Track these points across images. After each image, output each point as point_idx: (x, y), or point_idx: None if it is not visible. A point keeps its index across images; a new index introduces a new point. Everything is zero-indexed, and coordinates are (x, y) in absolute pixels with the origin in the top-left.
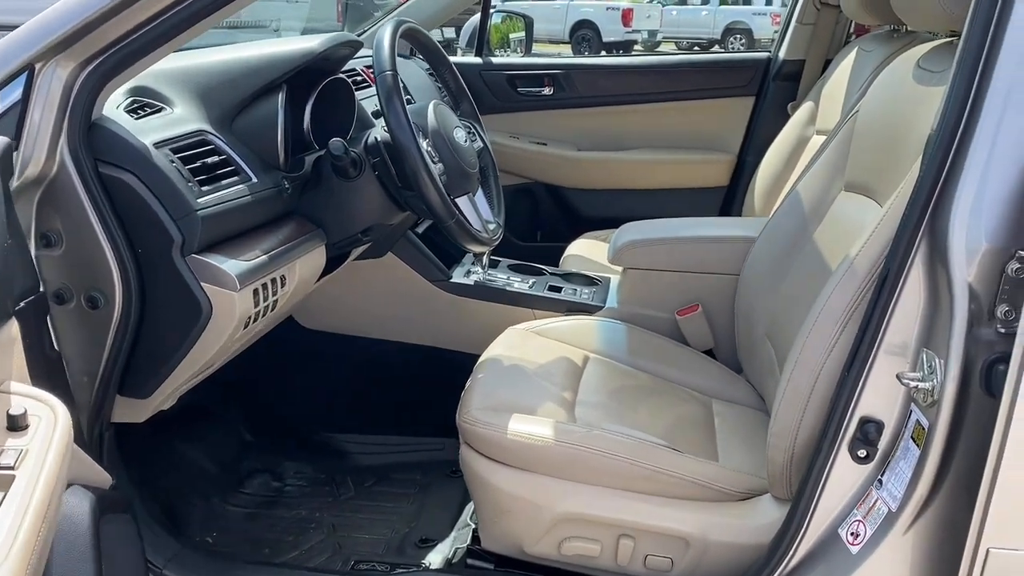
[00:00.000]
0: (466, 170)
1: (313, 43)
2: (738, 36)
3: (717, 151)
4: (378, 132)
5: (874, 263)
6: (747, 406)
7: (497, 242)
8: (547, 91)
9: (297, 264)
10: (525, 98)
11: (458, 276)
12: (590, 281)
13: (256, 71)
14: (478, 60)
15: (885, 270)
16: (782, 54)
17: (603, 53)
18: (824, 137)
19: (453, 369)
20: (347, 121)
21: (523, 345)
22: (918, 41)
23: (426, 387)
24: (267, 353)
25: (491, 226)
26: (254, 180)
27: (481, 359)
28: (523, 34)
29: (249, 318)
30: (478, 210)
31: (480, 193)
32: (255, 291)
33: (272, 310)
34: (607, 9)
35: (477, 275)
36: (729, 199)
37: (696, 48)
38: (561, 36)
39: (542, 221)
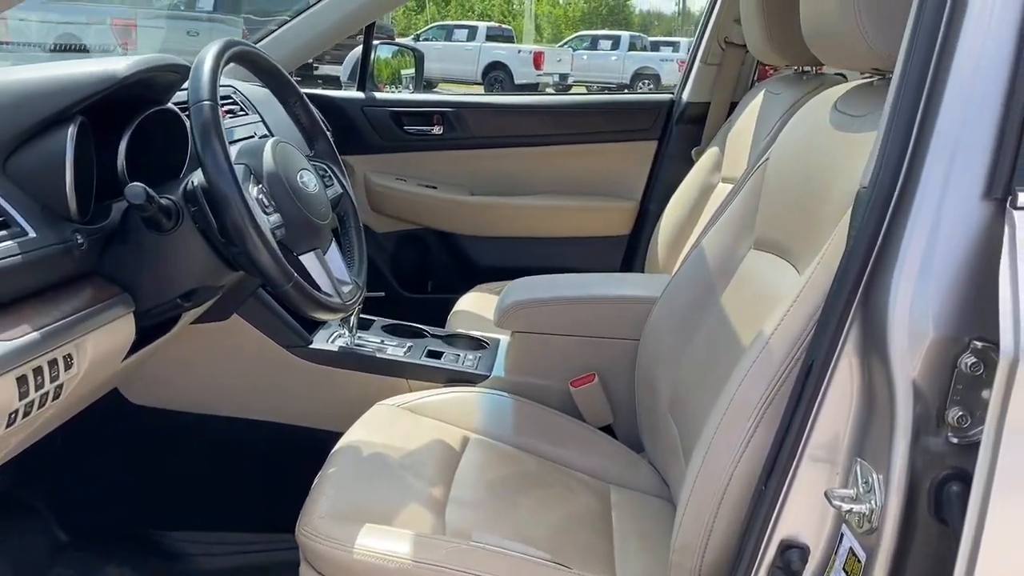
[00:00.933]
0: (313, 222)
1: (118, 65)
2: (647, 81)
3: (619, 198)
4: (198, 175)
5: (793, 345)
6: (650, 494)
7: (354, 308)
8: (437, 130)
9: (90, 339)
10: (413, 137)
11: (320, 341)
12: (477, 344)
13: (40, 97)
14: (360, 95)
15: (808, 360)
16: (685, 96)
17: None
18: (731, 186)
19: (313, 451)
20: (178, 161)
21: (391, 426)
22: (829, 84)
23: (280, 474)
24: (86, 433)
25: (346, 288)
26: (30, 235)
27: (337, 447)
28: (413, 70)
29: (13, 413)
30: (329, 270)
31: (334, 248)
32: (21, 378)
33: (55, 399)
34: (519, 52)
35: (344, 339)
36: (631, 249)
37: (606, 91)
38: (474, 78)
39: (432, 271)
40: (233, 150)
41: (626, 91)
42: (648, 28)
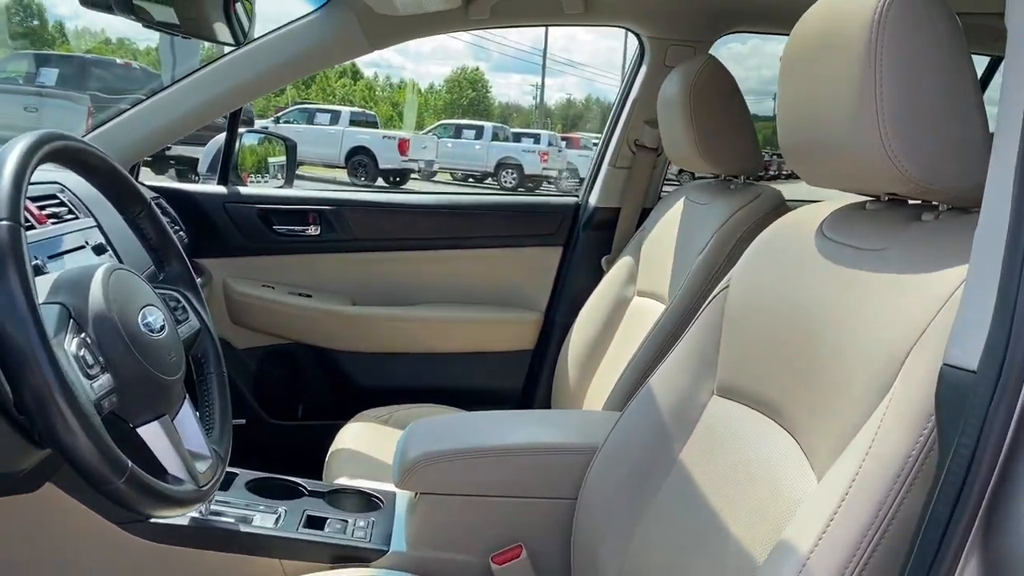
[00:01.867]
0: (158, 379)
1: None
2: (510, 170)
3: (522, 309)
4: None
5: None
6: None
7: (214, 492)
8: (312, 230)
9: None
10: (284, 238)
11: None
12: (367, 501)
13: None
14: (222, 189)
15: None
16: (593, 200)
17: (379, 180)
18: (650, 301)
19: None
20: None
21: None
22: (769, 198)
23: None
24: None
25: (203, 466)
26: None
27: None
28: (284, 158)
29: None
30: (179, 442)
31: (187, 408)
32: None
33: None
34: (383, 137)
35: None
36: (536, 367)
37: (470, 179)
38: (336, 161)
39: (304, 393)
40: (46, 282)
41: (491, 179)
42: (507, 119)
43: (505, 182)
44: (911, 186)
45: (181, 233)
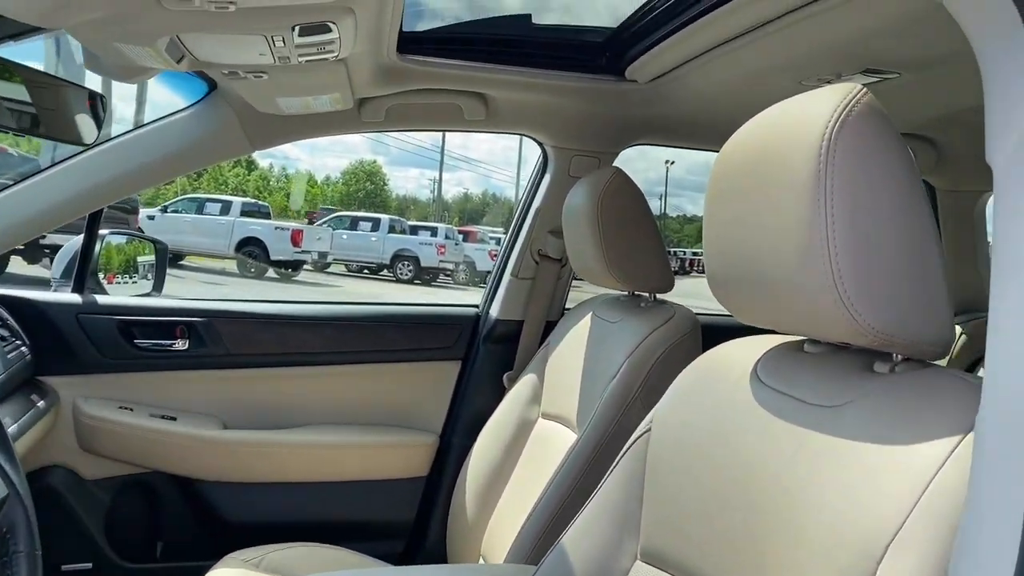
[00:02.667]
0: None
1: None
2: (406, 262)
3: (415, 430)
4: None
5: None
6: None
7: None
8: (180, 344)
9: None
10: (147, 353)
11: None
12: None
13: None
14: (76, 298)
15: None
16: (494, 312)
17: (270, 270)
18: (556, 425)
19: None
20: None
21: None
22: (682, 318)
23: None
24: None
25: None
26: None
27: None
28: (153, 258)
29: None
30: None
31: None
32: None
33: None
34: (276, 228)
35: None
36: (431, 496)
37: (366, 271)
38: (226, 252)
39: (164, 531)
40: None
41: (386, 271)
42: (405, 212)
43: (401, 274)
44: (869, 337)
45: (23, 348)
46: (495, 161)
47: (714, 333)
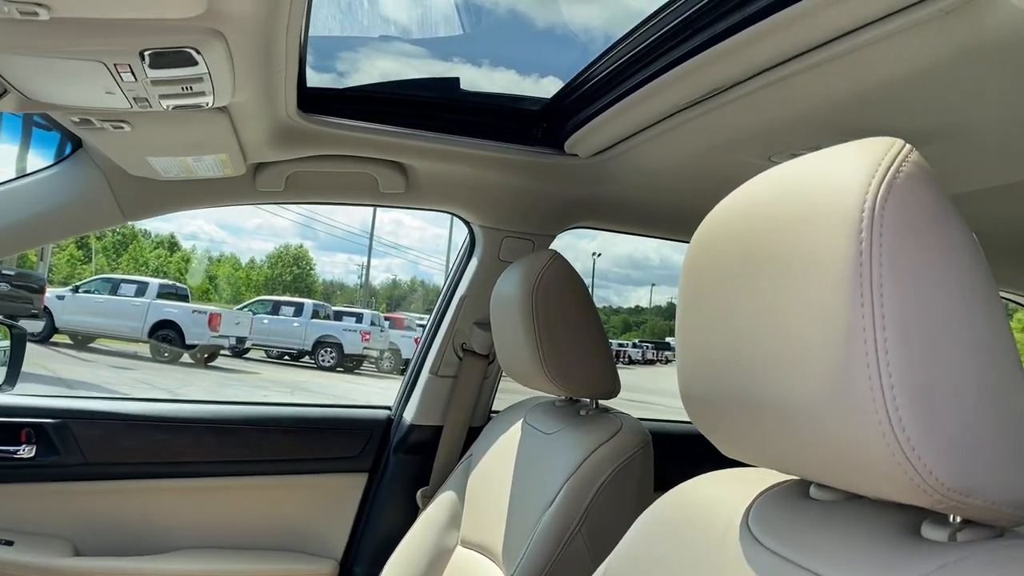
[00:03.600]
0: None
1: None
2: (328, 349)
3: (310, 556)
4: None
5: None
6: None
7: None
8: (25, 451)
9: None
10: None
11: None
12: None
13: None
14: None
15: None
16: (408, 416)
17: (185, 355)
18: (478, 556)
19: None
20: None
21: None
22: (631, 431)
23: None
24: None
25: None
26: None
27: None
28: (8, 344)
29: None
30: None
31: None
32: None
33: None
34: (193, 311)
35: None
36: None
37: (286, 356)
38: (139, 335)
39: None
40: None
41: (308, 357)
42: (331, 297)
43: (323, 361)
44: (935, 497)
45: None
46: (425, 248)
47: (664, 445)
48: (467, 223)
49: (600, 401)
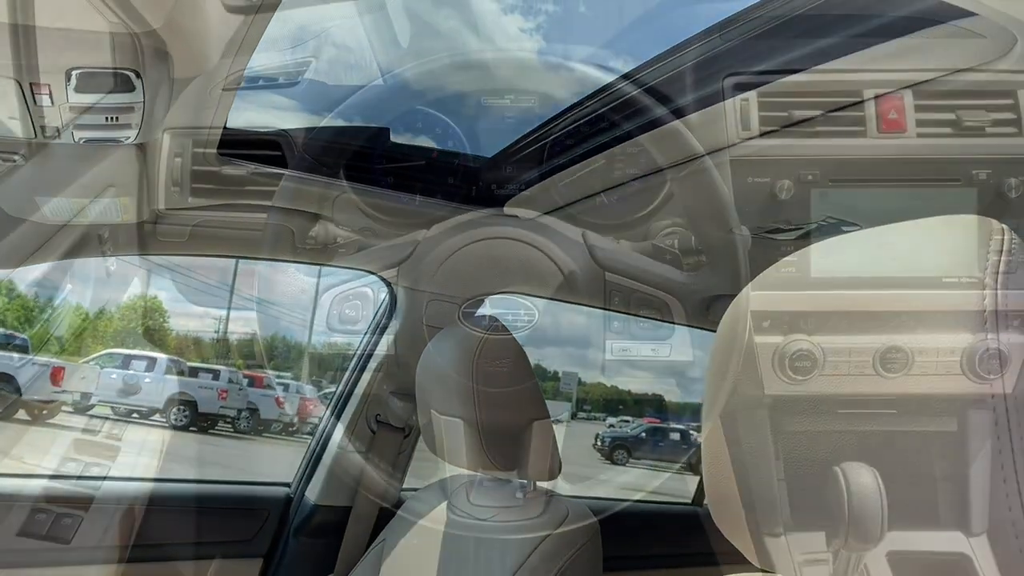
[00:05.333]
0: None
1: None
2: (181, 407)
3: None
4: None
5: None
6: None
7: None
8: None
9: None
10: None
11: None
12: None
13: None
14: None
15: None
16: (312, 495)
17: (22, 411)
18: None
19: None
20: None
21: None
22: (580, 524)
23: None
24: None
25: None
26: None
27: None
28: None
29: None
30: None
31: None
32: None
33: None
34: (31, 364)
35: None
36: None
37: (135, 415)
38: None
39: None
40: None
41: (159, 415)
42: (184, 352)
43: (176, 420)
44: None
45: None
46: (288, 304)
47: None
48: (386, 283)
49: (537, 483)
